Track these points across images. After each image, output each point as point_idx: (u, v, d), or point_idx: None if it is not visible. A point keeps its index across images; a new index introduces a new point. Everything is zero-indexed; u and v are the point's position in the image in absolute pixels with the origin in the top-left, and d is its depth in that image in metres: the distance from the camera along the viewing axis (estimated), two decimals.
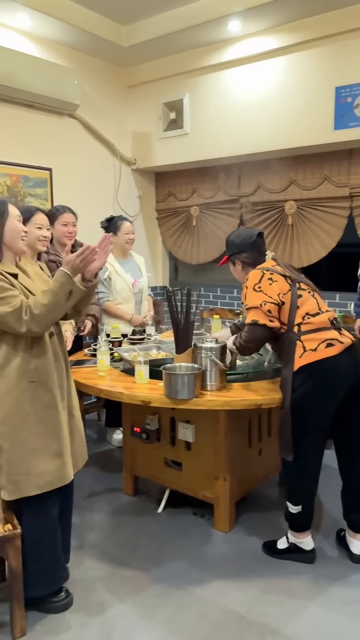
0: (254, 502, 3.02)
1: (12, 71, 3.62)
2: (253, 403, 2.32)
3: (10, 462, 1.99)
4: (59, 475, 2.07)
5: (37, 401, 2.02)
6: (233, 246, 2.55)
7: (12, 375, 1.98)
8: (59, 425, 2.08)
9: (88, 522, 2.87)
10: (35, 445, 2.01)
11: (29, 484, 2.01)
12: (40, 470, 2.02)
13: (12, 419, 1.99)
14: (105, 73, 4.58)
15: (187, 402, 2.31)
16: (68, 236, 3.36)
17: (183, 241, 5.13)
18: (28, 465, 2.00)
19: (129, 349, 3.05)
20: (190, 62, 4.39)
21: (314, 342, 2.27)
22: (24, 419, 2.00)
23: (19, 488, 2.00)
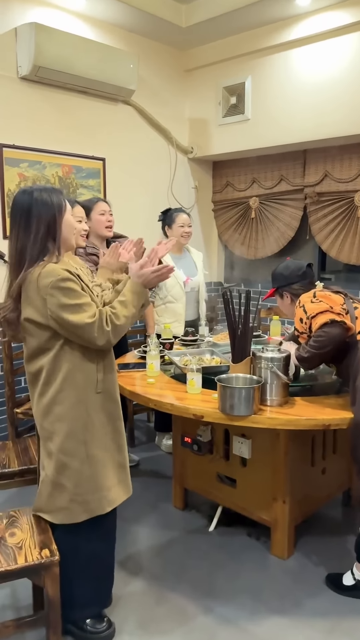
0: (315, 524, 2.74)
1: (65, 55, 3.44)
2: (321, 423, 2.04)
3: (79, 481, 1.83)
4: (125, 488, 1.97)
5: (104, 413, 1.89)
6: (281, 278, 2.44)
7: (79, 387, 1.82)
8: (123, 435, 1.97)
9: (134, 535, 2.69)
10: (104, 460, 1.88)
11: (101, 501, 1.86)
12: (110, 484, 1.89)
13: (81, 433, 1.83)
14: (162, 56, 4.34)
15: (244, 419, 2.06)
16: (108, 225, 3.14)
17: (240, 235, 4.84)
18: (98, 482, 1.86)
19: (181, 352, 2.82)
20: (253, 42, 4.08)
21: None
22: (93, 433, 1.85)
23: (90, 508, 1.85)
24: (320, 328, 2.05)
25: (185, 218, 3.47)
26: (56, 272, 1.71)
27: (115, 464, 1.92)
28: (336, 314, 2.07)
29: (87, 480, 1.84)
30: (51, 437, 1.84)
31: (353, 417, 2.03)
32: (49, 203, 1.75)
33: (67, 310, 1.71)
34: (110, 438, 1.91)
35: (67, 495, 1.83)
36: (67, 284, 1.72)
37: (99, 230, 3.12)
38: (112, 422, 1.92)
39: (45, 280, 1.70)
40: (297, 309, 2.20)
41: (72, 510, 1.84)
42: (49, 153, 3.64)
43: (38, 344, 1.80)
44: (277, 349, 2.19)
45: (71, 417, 1.82)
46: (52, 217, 1.75)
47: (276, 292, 2.47)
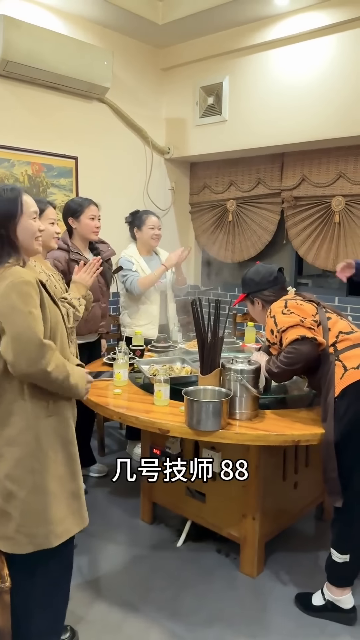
0: (287, 539, 2.66)
1: (36, 50, 3.31)
2: (290, 439, 1.96)
3: (26, 512, 1.64)
4: (78, 519, 1.75)
5: (57, 438, 1.69)
6: (252, 284, 2.32)
7: (27, 409, 1.63)
8: (77, 461, 1.76)
9: (100, 552, 2.58)
10: (54, 490, 1.67)
11: (50, 535, 1.66)
12: (60, 516, 1.68)
13: (30, 461, 1.63)
14: (138, 54, 4.23)
15: (211, 435, 1.97)
16: (95, 231, 3.03)
17: (217, 237, 4.76)
18: (46, 515, 1.66)
19: (151, 361, 2.72)
20: (231, 41, 4.00)
21: (355, 360, 1.98)
22: (43, 461, 1.65)
23: (36, 541, 1.65)
24: (290, 344, 1.96)
25: (155, 220, 3.37)
26: (19, 274, 1.58)
27: (67, 493, 1.73)
28: (307, 328, 1.98)
29: (34, 512, 1.65)
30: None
31: (324, 435, 1.95)
32: (4, 201, 1.61)
33: (16, 316, 1.54)
34: (62, 466, 1.72)
35: (13, 525, 1.65)
36: (27, 289, 1.57)
37: (86, 233, 3.00)
38: (65, 448, 1.73)
39: (4, 280, 1.57)
40: (269, 318, 2.11)
41: (17, 541, 1.66)
42: (18, 151, 3.51)
43: None
44: (247, 361, 2.10)
45: (20, 442, 1.64)
46: (6, 216, 1.61)
47: (246, 298, 2.37)
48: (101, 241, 3.19)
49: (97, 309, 3.03)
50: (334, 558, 2.08)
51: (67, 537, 1.71)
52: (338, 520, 2.07)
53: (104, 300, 3.11)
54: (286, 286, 2.34)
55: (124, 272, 3.28)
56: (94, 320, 3.01)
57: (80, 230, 3.00)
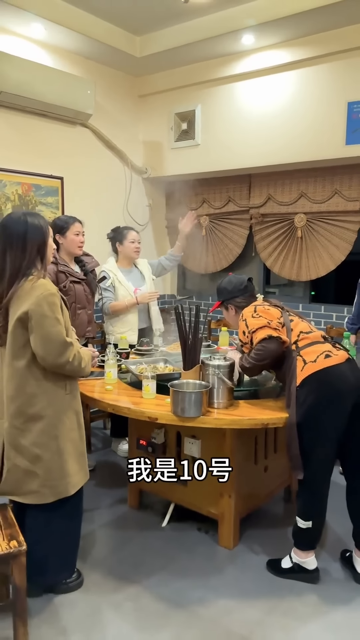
0: (258, 518, 3.00)
1: (26, 81, 3.64)
2: (260, 422, 2.31)
3: (49, 470, 2.14)
4: (85, 473, 2.31)
5: (72, 410, 2.20)
6: (225, 292, 2.70)
7: (49, 390, 2.12)
8: (83, 428, 2.29)
9: (92, 534, 2.87)
10: (70, 451, 2.18)
11: (68, 485, 2.18)
12: (74, 471, 2.20)
13: (52, 429, 2.13)
14: (118, 82, 4.59)
15: (193, 420, 2.30)
16: (80, 246, 3.36)
17: (192, 250, 5.11)
18: (64, 470, 2.16)
19: (136, 361, 3.05)
20: (202, 73, 4.40)
21: (313, 355, 2.33)
22: (62, 429, 2.15)
23: (58, 491, 2.16)
24: (259, 342, 2.32)
25: (135, 235, 3.71)
26: (48, 287, 2.05)
27: (78, 453, 2.23)
28: (273, 329, 2.34)
29: (56, 469, 2.14)
30: (22, 434, 2.11)
31: (288, 418, 2.30)
32: (41, 228, 2.08)
33: (47, 321, 2.00)
34: (75, 431, 2.21)
35: (38, 481, 2.13)
36: (54, 299, 2.04)
37: (71, 248, 3.32)
38: (77, 418, 2.23)
39: (37, 290, 2.02)
40: (241, 322, 2.47)
41: (42, 493, 2.13)
42: (9, 172, 3.81)
43: (19, 346, 2.06)
44: (223, 358, 2.45)
45: (43, 416, 2.11)
46: (42, 240, 2.09)
47: (221, 305, 2.75)
48: (85, 254, 3.51)
49: (84, 315, 3.34)
50: (299, 525, 2.42)
51: (79, 487, 2.25)
52: (301, 492, 2.42)
53: (89, 307, 3.42)
54: (255, 294, 2.71)
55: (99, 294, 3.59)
56: (82, 326, 3.32)
57: (67, 246, 3.31)
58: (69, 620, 2.21)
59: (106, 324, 3.75)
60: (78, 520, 2.37)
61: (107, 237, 3.80)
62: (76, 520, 2.36)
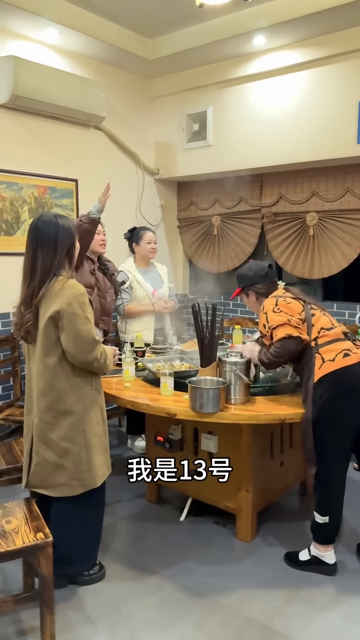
0: (275, 512, 3.06)
1: (41, 85, 3.71)
2: (277, 418, 2.37)
3: (78, 462, 2.24)
4: (108, 466, 2.39)
5: (97, 406, 2.30)
6: (245, 279, 2.68)
7: (78, 386, 2.22)
8: (106, 423, 2.39)
9: (112, 528, 2.94)
10: (96, 444, 2.28)
11: (94, 477, 2.28)
12: (99, 463, 2.30)
13: (80, 424, 2.23)
14: (130, 85, 4.66)
15: (212, 416, 2.37)
16: (102, 244, 3.44)
17: (204, 250, 5.18)
18: (91, 462, 2.26)
19: (153, 359, 3.11)
20: (214, 74, 4.45)
21: (332, 353, 2.35)
22: (89, 423, 2.25)
23: (86, 483, 2.26)
24: (279, 341, 2.35)
25: (151, 235, 3.78)
26: (77, 287, 2.15)
27: (102, 447, 2.33)
28: (294, 326, 2.35)
29: (84, 462, 2.24)
30: (52, 428, 2.21)
31: (304, 414, 2.35)
32: (70, 230, 2.18)
33: (78, 320, 2.09)
34: (99, 426, 2.31)
35: (66, 474, 2.23)
36: (84, 299, 2.14)
37: (94, 247, 3.41)
38: (102, 413, 2.33)
39: (68, 290, 2.11)
40: (261, 314, 2.48)
41: (71, 485, 2.24)
42: (26, 175, 3.89)
43: (50, 343, 2.15)
44: (239, 355, 2.51)
45: (73, 411, 2.21)
46: (72, 242, 2.19)
47: (242, 291, 2.71)
48: (107, 260, 3.60)
49: (98, 302, 3.37)
50: (316, 520, 2.47)
51: (104, 479, 2.35)
52: (318, 487, 2.46)
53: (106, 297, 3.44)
54: (276, 280, 2.70)
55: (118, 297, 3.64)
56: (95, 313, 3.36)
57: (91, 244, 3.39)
58: (94, 609, 2.28)
59: (121, 323, 3.81)
60: (101, 512, 2.46)
61: (124, 237, 3.88)
62: (99, 512, 2.44)
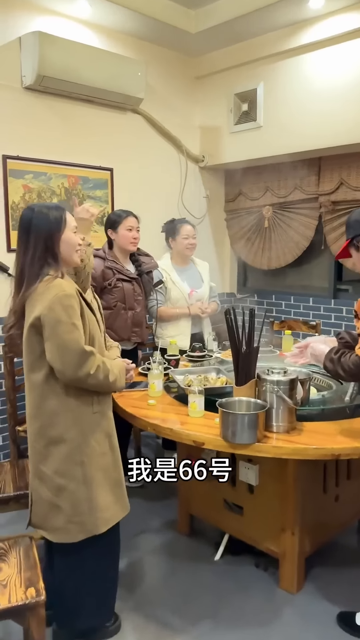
0: (328, 555, 2.58)
1: (70, 64, 3.36)
2: (329, 453, 1.89)
3: (76, 503, 1.81)
4: (122, 505, 1.94)
5: (100, 433, 1.86)
6: (357, 226, 1.99)
7: (73, 408, 1.79)
8: (117, 451, 1.95)
9: (136, 564, 2.57)
10: (100, 479, 1.85)
11: (98, 522, 1.83)
12: (105, 503, 1.86)
13: (77, 455, 1.81)
14: (172, 63, 4.24)
15: (246, 448, 1.92)
16: (133, 242, 3.07)
17: (253, 245, 4.70)
18: (94, 503, 1.82)
19: (185, 371, 2.70)
20: (264, 47, 3.96)
21: None
22: (90, 454, 1.82)
23: (87, 528, 1.83)
24: None
25: (189, 229, 3.35)
26: (63, 287, 1.73)
27: (111, 482, 1.89)
28: None
29: (83, 502, 1.81)
30: (44, 460, 1.81)
31: None
32: (47, 220, 1.75)
33: (62, 328, 1.69)
34: (106, 456, 1.88)
35: (63, 517, 1.81)
36: (70, 301, 1.72)
37: (123, 244, 3.05)
38: (108, 440, 1.89)
39: (50, 292, 1.71)
40: None
41: (69, 530, 1.82)
42: (55, 164, 3.56)
43: (35, 357, 1.77)
44: (283, 371, 2.05)
45: (66, 439, 1.79)
46: (48, 233, 1.75)
47: (350, 243, 2.04)
48: (145, 254, 3.22)
49: (129, 316, 3.03)
50: None
51: (114, 522, 1.88)
52: None
53: (139, 309, 3.10)
54: None
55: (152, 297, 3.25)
56: (124, 329, 3.01)
57: (118, 242, 3.04)
58: None
59: (156, 327, 3.43)
60: (114, 561, 2.03)
61: (161, 230, 3.48)
62: (111, 560, 2.01)
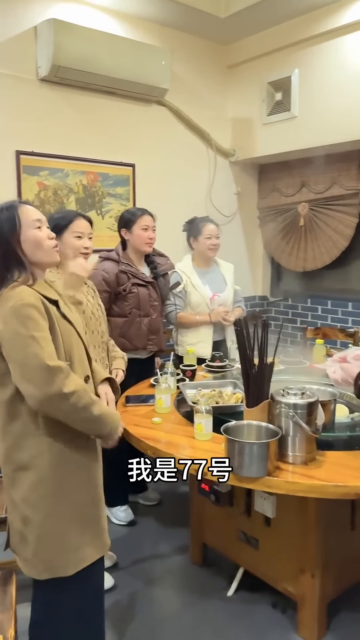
0: (354, 601, 2.26)
1: (87, 53, 3.17)
2: (353, 492, 1.60)
3: (41, 538, 1.56)
4: (98, 546, 1.65)
5: (75, 462, 1.59)
6: None
7: (41, 433, 1.54)
8: (98, 487, 1.67)
9: (142, 593, 2.34)
10: (72, 515, 1.59)
11: (66, 562, 1.58)
12: (77, 543, 1.59)
13: (44, 486, 1.56)
14: (200, 51, 3.98)
15: (255, 482, 1.66)
16: (149, 242, 2.82)
17: (288, 244, 4.39)
18: (63, 540, 1.57)
19: (198, 384, 2.45)
20: (299, 30, 3.65)
21: None
22: (59, 486, 1.57)
23: (52, 567, 1.58)
24: None
25: (212, 228, 3.09)
26: (20, 297, 1.47)
27: (86, 520, 1.62)
28: None
29: (50, 538, 1.56)
30: (13, 485, 1.59)
31: None
32: None
33: (19, 342, 1.44)
34: (81, 490, 1.61)
35: (30, 549, 1.57)
36: (28, 311, 1.45)
37: (138, 245, 2.81)
38: (85, 473, 1.63)
39: (8, 302, 1.47)
40: None
41: (35, 565, 1.58)
42: (72, 160, 3.38)
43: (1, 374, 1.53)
44: (301, 392, 1.77)
45: (34, 466, 1.55)
46: (3, 238, 1.51)
47: None
48: (159, 254, 2.99)
49: (146, 324, 2.80)
50: None
51: (85, 564, 1.61)
52: None
53: (155, 315, 2.87)
54: None
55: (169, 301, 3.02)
56: (140, 337, 2.78)
57: (133, 242, 2.80)
58: None
59: (175, 333, 3.19)
60: (97, 604, 1.75)
61: (183, 229, 3.24)
62: (94, 604, 1.73)
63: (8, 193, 3.14)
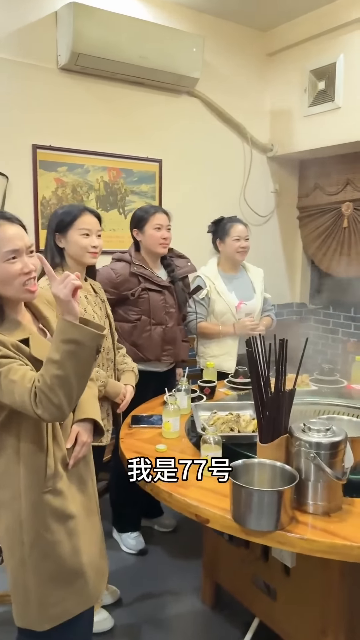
0: None
1: (111, 40, 2.95)
2: None
3: (15, 584, 1.39)
4: (81, 599, 1.45)
5: (53, 516, 1.39)
6: None
7: (19, 479, 1.36)
8: (78, 537, 1.43)
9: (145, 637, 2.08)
10: (47, 570, 1.38)
11: (41, 616, 1.39)
12: (54, 599, 1.39)
13: (18, 533, 1.37)
14: (235, 38, 3.69)
15: (264, 536, 1.37)
16: (163, 243, 2.55)
17: (330, 247, 4.04)
18: (38, 594, 1.38)
19: (214, 405, 2.17)
20: (345, 12, 3.31)
21: None
22: (34, 538, 1.37)
23: (26, 619, 1.40)
24: None
25: (241, 230, 2.79)
26: None
27: (65, 573, 1.41)
28: None
29: (24, 589, 1.37)
30: None
31: None
32: None
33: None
34: (59, 543, 1.39)
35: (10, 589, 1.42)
36: None
37: (151, 246, 2.54)
38: (64, 525, 1.40)
39: None
40: None
41: (14, 609, 1.41)
42: (93, 155, 3.17)
43: None
44: (325, 429, 1.46)
45: (9, 508, 1.37)
46: None
47: None
48: (179, 255, 2.72)
49: (159, 333, 2.53)
50: None
51: (64, 619, 1.41)
52: None
53: (171, 323, 2.59)
54: None
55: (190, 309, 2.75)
56: (153, 347, 2.51)
57: (145, 243, 2.54)
58: None
59: (197, 344, 2.91)
60: None
61: (208, 230, 2.95)
62: None
63: (23, 190, 2.96)
